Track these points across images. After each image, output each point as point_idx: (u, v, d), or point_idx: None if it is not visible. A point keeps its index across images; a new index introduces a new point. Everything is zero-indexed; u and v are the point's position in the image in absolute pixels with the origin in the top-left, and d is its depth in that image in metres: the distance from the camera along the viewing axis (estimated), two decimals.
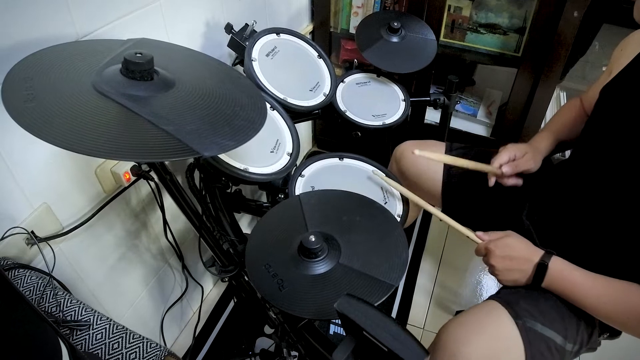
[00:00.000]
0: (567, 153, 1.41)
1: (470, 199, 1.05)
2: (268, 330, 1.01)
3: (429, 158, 1.02)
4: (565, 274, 0.78)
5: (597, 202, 0.82)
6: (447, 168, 1.07)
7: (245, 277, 1.03)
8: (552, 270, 0.78)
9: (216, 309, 1.51)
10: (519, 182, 0.97)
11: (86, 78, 0.57)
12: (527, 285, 0.82)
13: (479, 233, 0.89)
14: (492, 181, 0.97)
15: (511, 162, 0.95)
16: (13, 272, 0.76)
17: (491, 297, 0.83)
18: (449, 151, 1.09)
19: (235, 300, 1.42)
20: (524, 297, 0.81)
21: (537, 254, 0.80)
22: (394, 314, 1.51)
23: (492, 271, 0.85)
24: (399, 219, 0.95)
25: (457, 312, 1.50)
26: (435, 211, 0.94)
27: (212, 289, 1.56)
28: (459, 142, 1.12)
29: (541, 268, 0.79)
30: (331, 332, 1.42)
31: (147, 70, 0.58)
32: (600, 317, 0.78)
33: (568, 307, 0.80)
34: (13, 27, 0.68)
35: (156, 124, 0.53)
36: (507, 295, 0.82)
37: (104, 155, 0.49)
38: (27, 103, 0.51)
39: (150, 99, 0.57)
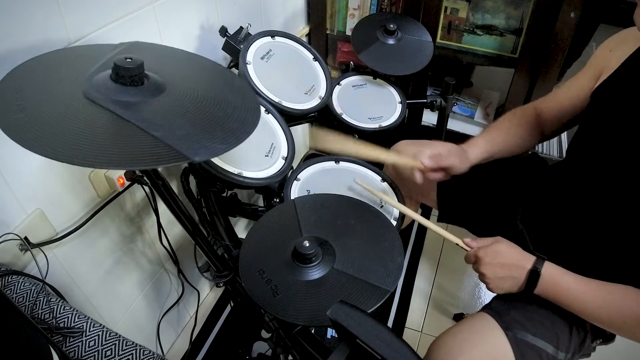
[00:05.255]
0: (564, 154, 1.40)
1: (465, 200, 1.05)
2: (265, 334, 1.00)
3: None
4: (557, 280, 0.77)
5: (591, 204, 0.81)
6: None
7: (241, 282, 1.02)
8: (545, 277, 0.77)
9: (213, 313, 1.50)
10: (444, 177, 0.95)
11: (77, 85, 0.57)
12: (519, 293, 0.80)
13: (467, 240, 0.85)
14: (417, 176, 0.93)
15: (434, 156, 0.92)
16: (6, 278, 0.75)
17: (483, 309, 0.83)
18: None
19: (232, 305, 1.41)
20: (515, 307, 0.80)
21: (528, 260, 0.78)
22: (391, 317, 1.51)
23: (483, 279, 0.82)
24: (395, 223, 0.94)
25: (455, 315, 1.50)
26: (419, 217, 0.90)
27: (208, 293, 1.55)
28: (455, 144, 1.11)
29: (534, 275, 0.77)
30: (328, 335, 1.41)
31: (137, 75, 0.57)
32: (594, 322, 0.77)
33: (559, 314, 0.79)
34: (3, 32, 0.67)
35: (146, 130, 0.52)
36: (498, 306, 0.82)
37: (94, 165, 0.48)
38: (16, 114, 0.50)
39: (140, 104, 0.56)
